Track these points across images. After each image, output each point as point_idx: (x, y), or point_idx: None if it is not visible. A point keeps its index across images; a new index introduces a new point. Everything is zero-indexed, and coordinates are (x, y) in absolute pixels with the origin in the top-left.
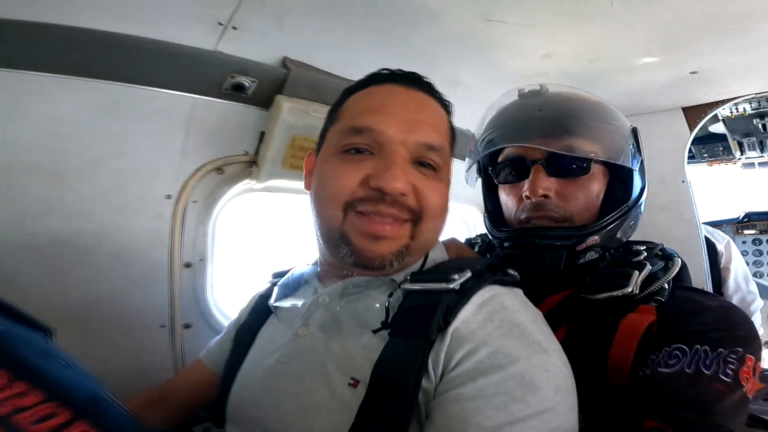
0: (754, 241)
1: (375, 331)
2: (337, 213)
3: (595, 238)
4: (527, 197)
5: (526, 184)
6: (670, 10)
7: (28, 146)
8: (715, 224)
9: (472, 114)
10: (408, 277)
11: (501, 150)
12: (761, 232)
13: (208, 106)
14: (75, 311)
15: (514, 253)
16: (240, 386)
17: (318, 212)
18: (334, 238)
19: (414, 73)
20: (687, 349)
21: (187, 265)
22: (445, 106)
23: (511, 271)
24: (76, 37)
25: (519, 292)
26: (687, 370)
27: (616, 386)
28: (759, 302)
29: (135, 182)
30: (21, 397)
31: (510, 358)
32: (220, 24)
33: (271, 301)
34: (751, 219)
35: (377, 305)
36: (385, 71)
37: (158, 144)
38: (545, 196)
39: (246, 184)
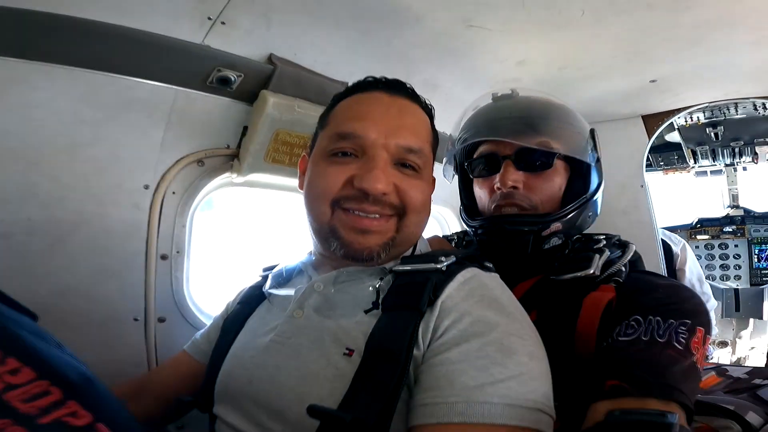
0: (706, 246)
1: (367, 311)
2: (325, 209)
3: (557, 225)
4: (498, 188)
5: (498, 177)
6: (633, 19)
7: (4, 132)
8: (671, 230)
9: (450, 118)
10: (399, 261)
11: (476, 148)
12: (713, 237)
13: (191, 99)
14: (45, 301)
15: (487, 239)
16: (230, 366)
17: (309, 209)
18: (324, 232)
19: (397, 80)
20: (641, 319)
21: (164, 258)
22: (428, 110)
23: (488, 264)
24: (57, 25)
25: (496, 275)
26: (643, 338)
27: (585, 358)
28: (713, 302)
29: (113, 171)
30: (14, 374)
31: (489, 326)
32: (210, 19)
33: (266, 287)
34: (703, 225)
35: (370, 288)
36: (370, 79)
37: (138, 134)
38: (514, 188)
39: (227, 177)
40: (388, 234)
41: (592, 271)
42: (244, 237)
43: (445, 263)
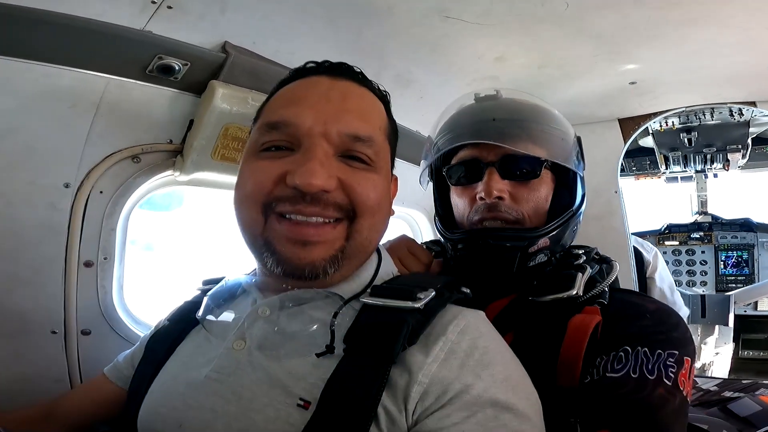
0: (674, 252)
1: (319, 355)
2: (257, 216)
3: (545, 241)
4: (481, 199)
5: (480, 185)
6: (619, 15)
7: None
8: (640, 235)
9: (424, 116)
10: (369, 291)
11: (455, 152)
12: (681, 243)
13: (126, 89)
14: None
15: (468, 255)
16: (155, 402)
17: (238, 216)
18: (258, 245)
19: (343, 63)
20: (630, 350)
21: (88, 264)
22: (381, 95)
23: (464, 289)
24: None
25: (482, 314)
26: (633, 375)
27: (566, 389)
28: (684, 311)
29: (25, 167)
30: None
31: (504, 393)
32: (153, 2)
33: (200, 313)
34: (671, 231)
35: (316, 326)
36: (311, 64)
37: (58, 126)
38: (499, 198)
39: (168, 175)
40: (335, 244)
41: (575, 292)
42: (212, 239)
43: (423, 300)
